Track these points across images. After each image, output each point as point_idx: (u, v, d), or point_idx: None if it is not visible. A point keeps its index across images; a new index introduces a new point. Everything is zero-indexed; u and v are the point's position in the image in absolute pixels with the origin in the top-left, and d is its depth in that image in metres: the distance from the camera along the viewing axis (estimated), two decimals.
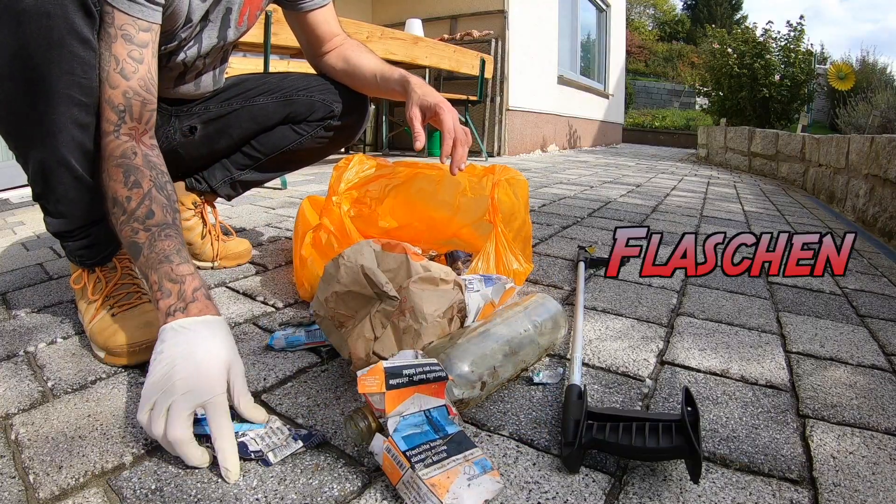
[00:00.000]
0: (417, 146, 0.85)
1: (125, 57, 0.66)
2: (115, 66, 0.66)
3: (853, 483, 0.52)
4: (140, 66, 0.68)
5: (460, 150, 0.86)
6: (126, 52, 0.66)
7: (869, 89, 5.08)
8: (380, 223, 1.13)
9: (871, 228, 2.09)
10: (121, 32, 0.66)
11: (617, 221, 1.83)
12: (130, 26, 0.67)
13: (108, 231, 0.78)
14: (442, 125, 0.87)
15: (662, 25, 19.01)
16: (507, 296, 0.81)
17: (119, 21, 0.66)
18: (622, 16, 8.83)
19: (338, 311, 0.63)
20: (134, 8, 0.66)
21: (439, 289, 0.65)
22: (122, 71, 0.66)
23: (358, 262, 0.62)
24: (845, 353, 0.83)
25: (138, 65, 0.68)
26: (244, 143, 1.05)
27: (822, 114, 7.71)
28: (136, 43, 0.67)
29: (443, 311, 0.64)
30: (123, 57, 0.66)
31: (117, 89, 0.66)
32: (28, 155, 0.69)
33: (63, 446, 0.54)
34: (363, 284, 0.61)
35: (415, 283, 0.63)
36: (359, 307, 0.63)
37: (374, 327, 0.61)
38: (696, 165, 5.09)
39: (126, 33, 0.66)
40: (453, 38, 4.66)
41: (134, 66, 0.67)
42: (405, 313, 0.62)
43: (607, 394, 0.67)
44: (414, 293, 0.62)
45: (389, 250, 0.65)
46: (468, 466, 0.48)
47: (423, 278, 0.64)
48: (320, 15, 1.02)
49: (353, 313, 0.63)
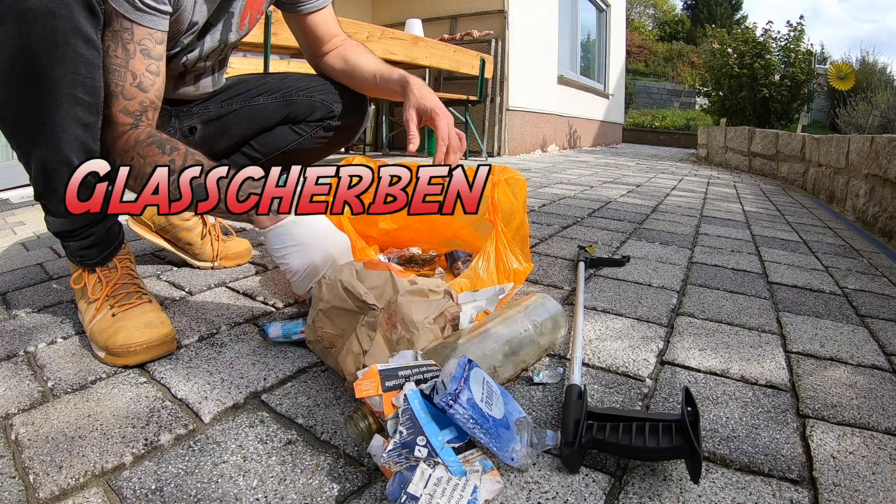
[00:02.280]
0: (411, 148, 0.86)
1: (143, 72, 0.70)
2: (133, 80, 0.69)
3: (853, 483, 0.52)
4: (157, 78, 0.72)
5: (453, 156, 0.88)
6: (145, 66, 0.70)
7: (869, 89, 5.08)
8: (380, 224, 1.13)
9: (871, 228, 2.09)
10: (140, 48, 0.69)
11: (617, 221, 1.83)
12: (148, 40, 0.70)
13: (109, 231, 0.79)
14: (437, 131, 0.88)
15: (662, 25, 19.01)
16: (503, 303, 0.81)
17: (138, 36, 0.69)
18: (622, 16, 8.83)
19: (325, 330, 0.64)
20: (147, 18, 0.68)
21: (429, 299, 0.65)
22: (139, 85, 0.70)
23: (337, 279, 0.64)
24: (845, 353, 0.83)
25: (156, 77, 0.72)
26: (244, 143, 1.05)
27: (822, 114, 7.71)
28: (153, 57, 0.71)
29: (433, 318, 0.64)
30: (142, 72, 0.70)
31: (134, 100, 0.70)
32: (31, 154, 0.69)
33: (63, 446, 0.54)
34: (344, 298, 0.63)
35: (403, 296, 0.63)
36: (345, 325, 0.64)
37: (362, 341, 0.61)
38: (696, 165, 5.09)
39: (145, 48, 0.70)
40: (453, 38, 4.66)
41: (152, 80, 0.71)
42: (396, 325, 0.62)
43: (607, 394, 0.67)
44: (402, 305, 0.62)
45: (372, 268, 0.66)
46: (468, 466, 0.48)
47: (411, 291, 0.64)
48: (320, 16, 1.02)
49: (341, 332, 0.64)
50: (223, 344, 0.77)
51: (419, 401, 0.50)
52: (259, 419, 0.59)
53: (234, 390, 0.65)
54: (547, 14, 5.56)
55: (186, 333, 0.80)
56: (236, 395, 0.64)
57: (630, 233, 1.65)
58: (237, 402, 0.63)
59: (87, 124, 0.67)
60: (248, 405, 0.62)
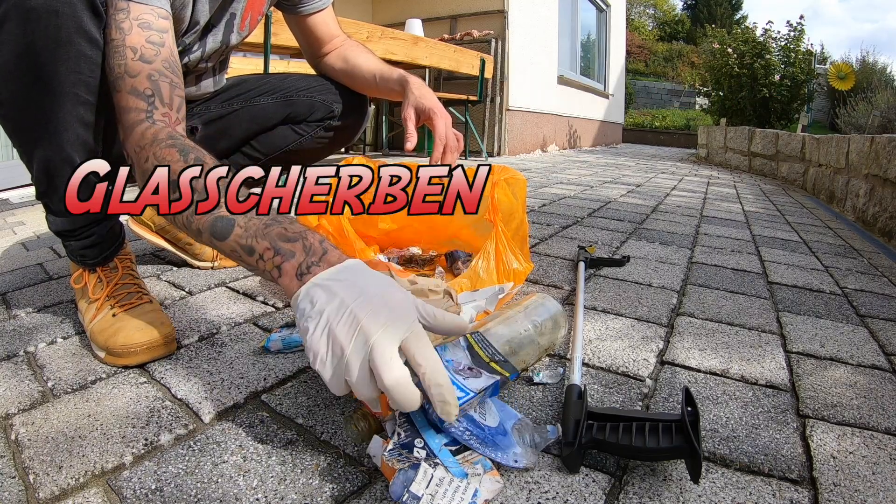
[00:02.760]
0: (408, 146, 0.86)
1: (143, 43, 0.63)
2: (133, 55, 0.62)
3: (853, 483, 0.52)
4: (161, 48, 0.64)
5: (449, 156, 0.88)
6: (144, 38, 0.63)
7: (869, 89, 5.08)
8: (380, 224, 1.13)
9: (871, 228, 2.09)
10: (137, 22, 0.63)
11: (617, 221, 1.83)
12: (148, 14, 0.64)
13: (110, 231, 0.79)
14: (434, 130, 0.88)
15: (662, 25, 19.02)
16: (503, 303, 0.81)
17: (136, 13, 0.63)
18: (622, 16, 8.83)
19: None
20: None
21: (429, 299, 0.65)
22: (141, 57, 0.63)
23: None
24: (845, 353, 0.83)
25: (159, 48, 0.64)
26: (244, 143, 1.05)
27: (822, 114, 7.71)
28: (154, 28, 0.64)
29: None
30: (141, 44, 0.63)
31: (140, 75, 0.62)
32: (33, 153, 0.69)
33: (63, 446, 0.54)
34: None
35: None
36: None
37: None
38: (696, 165, 5.09)
39: (143, 21, 0.64)
40: (453, 38, 4.66)
41: (155, 49, 0.64)
42: None
43: (607, 394, 0.67)
44: None
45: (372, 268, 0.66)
46: (468, 467, 0.48)
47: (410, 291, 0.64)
48: (320, 17, 1.02)
49: None
50: (223, 344, 0.77)
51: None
52: (259, 419, 0.59)
53: (234, 390, 0.65)
54: (547, 14, 5.56)
55: (186, 333, 0.80)
56: (236, 395, 0.64)
57: (630, 233, 1.65)
58: (237, 402, 0.63)
59: (89, 123, 0.67)
60: (248, 405, 0.62)
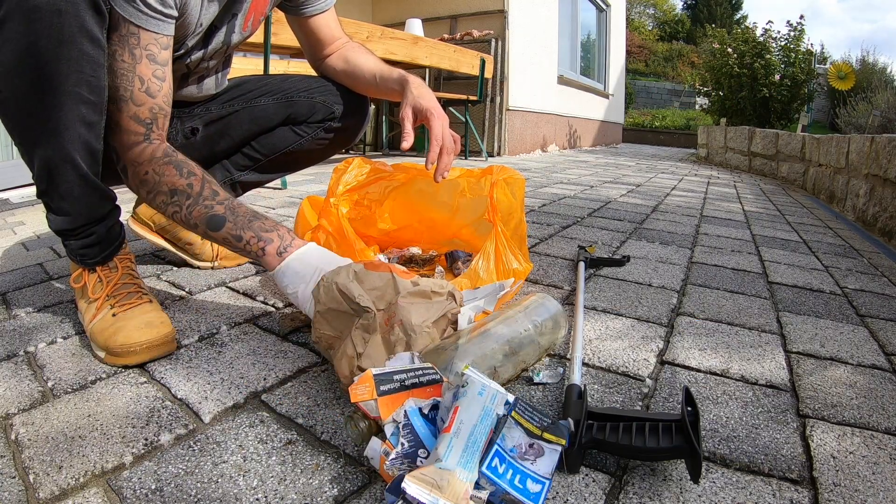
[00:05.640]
0: (404, 146, 0.86)
1: (150, 77, 0.71)
2: (140, 85, 0.70)
3: (853, 483, 0.52)
4: (164, 84, 0.73)
5: (445, 158, 0.87)
6: (151, 72, 0.71)
7: (869, 89, 5.09)
8: (379, 225, 1.13)
9: (871, 228, 2.09)
10: (146, 53, 0.70)
11: (617, 221, 1.83)
12: (154, 45, 0.70)
13: (110, 230, 0.79)
14: (431, 131, 0.88)
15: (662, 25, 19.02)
16: (506, 300, 0.81)
17: (144, 41, 0.69)
18: (622, 16, 8.83)
19: (324, 332, 0.65)
20: (151, 23, 0.69)
21: (431, 300, 0.65)
22: (147, 90, 0.71)
23: (333, 281, 0.64)
24: (845, 353, 0.83)
25: (162, 83, 0.73)
26: (245, 144, 1.05)
27: (822, 114, 7.72)
28: (159, 62, 0.72)
29: (433, 321, 0.64)
30: (149, 77, 0.71)
31: (143, 106, 0.71)
32: (34, 152, 0.69)
33: (63, 446, 0.54)
34: (339, 301, 0.63)
35: (403, 298, 0.63)
36: (342, 327, 0.64)
37: (356, 343, 0.61)
38: (696, 165, 5.09)
39: (150, 53, 0.70)
40: (453, 38, 4.66)
41: (159, 85, 0.72)
42: (394, 327, 0.62)
43: (607, 394, 0.67)
44: (402, 307, 0.62)
45: (374, 269, 0.66)
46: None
47: (412, 293, 0.64)
48: (322, 19, 1.02)
49: (339, 333, 0.64)
50: (223, 344, 0.77)
51: (419, 419, 0.50)
52: (259, 419, 0.59)
53: (234, 390, 0.65)
54: (547, 14, 5.56)
55: (186, 333, 0.80)
56: (236, 395, 0.64)
57: (630, 233, 1.65)
58: (237, 402, 0.63)
59: (90, 123, 0.67)
60: (248, 405, 0.62)
